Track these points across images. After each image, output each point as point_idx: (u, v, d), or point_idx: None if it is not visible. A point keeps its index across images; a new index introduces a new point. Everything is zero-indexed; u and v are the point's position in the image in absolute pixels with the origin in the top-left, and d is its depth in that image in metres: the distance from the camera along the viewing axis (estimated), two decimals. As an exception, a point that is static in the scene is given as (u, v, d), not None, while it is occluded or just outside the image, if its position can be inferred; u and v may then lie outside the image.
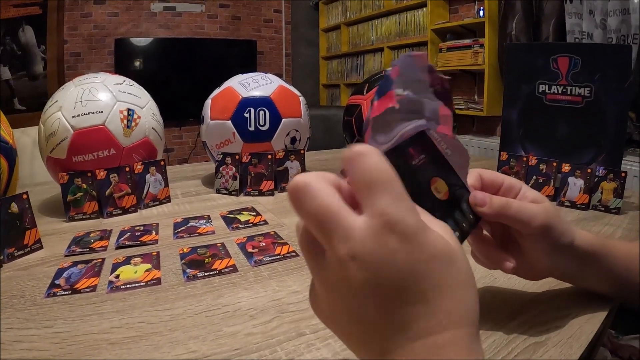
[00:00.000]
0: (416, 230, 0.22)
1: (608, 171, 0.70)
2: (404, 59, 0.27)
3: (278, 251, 0.52)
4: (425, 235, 0.23)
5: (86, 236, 0.57)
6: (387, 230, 0.22)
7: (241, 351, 0.33)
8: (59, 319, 0.37)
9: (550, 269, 0.38)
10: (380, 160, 0.23)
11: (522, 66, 0.81)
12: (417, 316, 0.22)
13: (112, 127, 0.67)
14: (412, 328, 0.22)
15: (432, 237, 0.23)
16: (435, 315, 0.22)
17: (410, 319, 0.22)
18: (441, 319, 0.22)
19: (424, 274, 0.22)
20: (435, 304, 0.22)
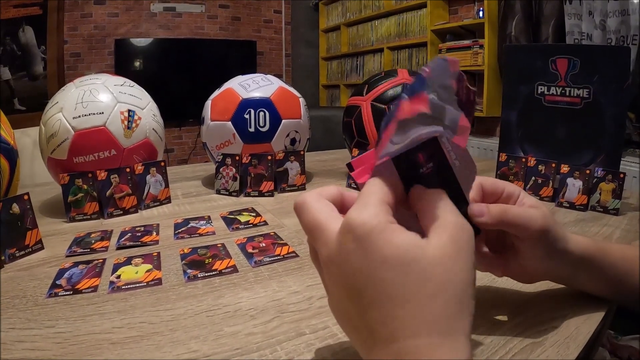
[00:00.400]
0: (371, 230, 0.23)
1: (607, 172, 0.70)
2: (439, 62, 0.27)
3: (278, 252, 0.52)
4: (380, 235, 0.23)
5: (87, 237, 0.57)
6: (346, 231, 0.24)
7: (242, 351, 0.33)
8: (60, 319, 0.37)
9: (545, 273, 0.38)
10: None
11: (521, 67, 0.82)
12: (377, 322, 0.23)
13: (112, 128, 0.67)
14: (376, 332, 0.23)
15: (387, 238, 0.23)
16: (390, 323, 0.22)
17: (373, 323, 0.23)
18: (397, 327, 0.22)
19: (375, 279, 0.23)
20: (389, 311, 0.22)
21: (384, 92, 0.83)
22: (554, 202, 0.74)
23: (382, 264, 0.22)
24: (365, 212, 0.24)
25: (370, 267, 0.23)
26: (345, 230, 0.24)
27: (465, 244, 0.24)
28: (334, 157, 1.21)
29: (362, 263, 0.23)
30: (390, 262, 0.22)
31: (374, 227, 0.23)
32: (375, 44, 3.53)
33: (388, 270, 0.22)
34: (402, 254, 0.22)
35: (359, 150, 0.84)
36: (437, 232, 0.24)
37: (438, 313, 0.22)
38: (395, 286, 0.22)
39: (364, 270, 0.23)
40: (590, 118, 0.74)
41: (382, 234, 0.23)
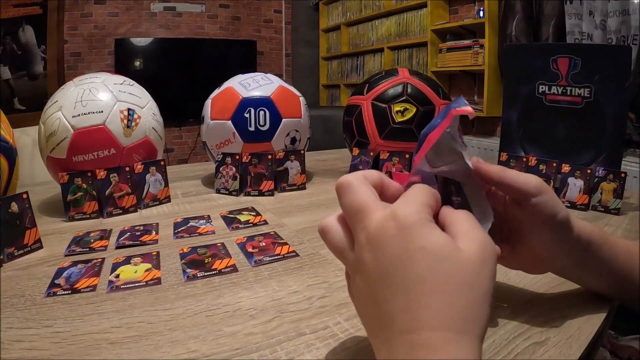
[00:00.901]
0: (413, 222, 0.25)
1: (608, 172, 0.70)
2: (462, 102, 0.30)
3: (278, 251, 0.52)
4: (421, 229, 0.25)
5: (86, 236, 0.57)
6: (391, 219, 0.25)
7: (241, 351, 0.33)
8: (59, 319, 0.37)
9: (552, 259, 0.37)
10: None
11: (521, 67, 0.82)
12: (400, 309, 0.24)
13: (112, 127, 0.67)
14: (396, 321, 0.24)
15: (427, 231, 0.25)
16: (415, 310, 0.23)
17: (394, 311, 0.24)
18: (420, 315, 0.23)
19: (409, 264, 0.24)
20: (415, 297, 0.23)
21: (385, 91, 0.82)
22: (555, 202, 0.74)
23: (419, 251, 0.24)
24: (411, 206, 0.26)
25: (408, 252, 0.24)
26: (391, 217, 0.25)
27: (490, 257, 0.25)
28: (334, 157, 1.20)
29: (401, 247, 0.25)
30: (426, 250, 0.24)
31: (416, 220, 0.25)
32: (375, 43, 3.53)
33: (423, 258, 0.24)
34: (438, 247, 0.24)
35: (360, 149, 0.84)
36: (468, 242, 0.25)
37: (459, 310, 0.23)
38: (426, 274, 0.24)
39: (401, 255, 0.24)
40: (591, 117, 0.74)
41: (423, 228, 0.25)
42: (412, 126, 0.79)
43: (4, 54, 2.79)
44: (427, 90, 0.82)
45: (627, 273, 0.38)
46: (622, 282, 0.38)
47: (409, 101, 0.80)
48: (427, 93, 0.82)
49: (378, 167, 0.81)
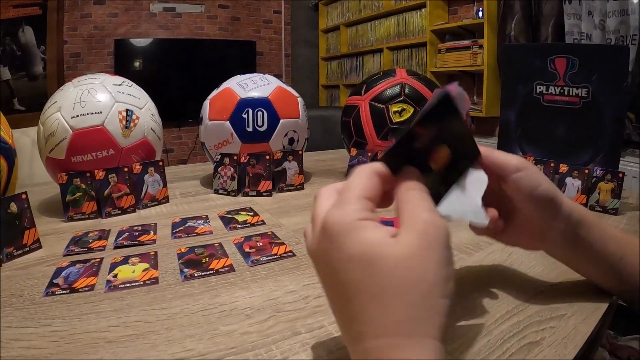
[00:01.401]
0: (340, 230, 0.24)
1: (606, 172, 0.70)
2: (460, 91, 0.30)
3: (275, 251, 0.52)
4: (348, 236, 0.23)
5: (85, 236, 0.57)
6: (323, 230, 0.25)
7: (237, 350, 0.33)
8: (57, 318, 0.37)
9: (541, 233, 0.38)
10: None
11: (519, 67, 0.82)
12: (347, 320, 0.24)
13: (110, 128, 0.67)
14: (349, 331, 0.24)
15: (354, 237, 0.23)
16: (359, 320, 0.23)
17: (344, 322, 0.24)
18: (364, 325, 0.22)
19: (344, 277, 0.23)
20: (357, 307, 0.23)
21: (382, 91, 0.83)
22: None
23: (349, 262, 0.23)
24: (340, 211, 0.25)
25: (340, 265, 0.23)
26: (323, 229, 0.25)
27: (434, 241, 0.24)
28: (333, 157, 1.21)
29: (334, 260, 0.24)
30: (355, 259, 0.23)
31: (343, 226, 0.24)
32: (374, 44, 3.54)
33: (354, 268, 0.23)
34: (367, 252, 0.23)
35: (357, 149, 0.84)
36: (406, 230, 0.24)
37: (402, 314, 0.22)
38: (361, 284, 0.23)
39: (335, 267, 0.24)
40: (589, 117, 0.74)
41: (350, 233, 0.23)
42: (410, 126, 0.79)
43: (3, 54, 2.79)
44: (424, 90, 0.82)
45: (616, 261, 0.38)
46: (613, 271, 0.38)
47: (406, 101, 0.80)
48: (425, 93, 0.82)
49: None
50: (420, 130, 0.28)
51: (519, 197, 0.36)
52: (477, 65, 2.50)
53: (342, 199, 0.26)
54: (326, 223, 0.25)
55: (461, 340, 0.34)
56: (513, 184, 0.35)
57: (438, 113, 0.29)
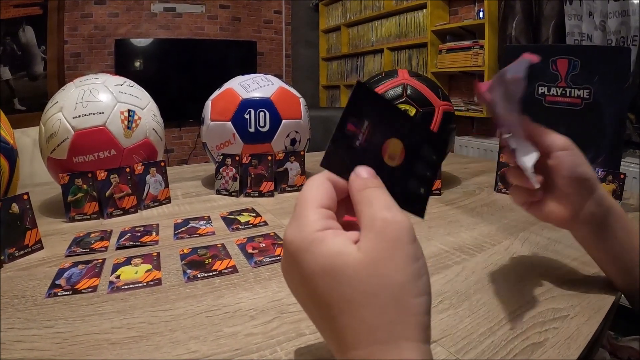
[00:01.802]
0: (297, 249, 0.23)
1: (607, 173, 0.70)
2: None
3: (278, 252, 0.52)
4: (307, 253, 0.23)
5: (86, 237, 0.57)
6: (284, 248, 0.25)
7: (241, 351, 0.33)
8: (59, 319, 0.37)
9: (574, 211, 0.39)
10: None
11: (521, 68, 0.82)
12: (327, 335, 0.24)
13: (112, 128, 0.67)
14: (331, 345, 0.24)
15: (313, 254, 0.23)
16: (335, 333, 0.22)
17: (325, 337, 0.24)
18: (342, 338, 0.22)
19: (310, 293, 0.23)
20: (331, 322, 0.22)
21: (384, 92, 0.82)
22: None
23: (312, 278, 0.23)
24: (295, 227, 0.24)
25: (305, 282, 0.23)
26: (284, 247, 0.25)
27: (396, 239, 0.22)
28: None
29: (299, 277, 0.24)
30: (318, 275, 0.22)
31: (300, 243, 0.23)
32: (375, 44, 3.54)
33: (318, 283, 0.22)
34: (327, 265, 0.22)
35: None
36: (365, 233, 0.23)
37: (374, 321, 0.21)
38: (329, 297, 0.22)
39: (301, 284, 0.24)
40: (591, 119, 0.74)
41: (308, 250, 0.23)
42: (411, 127, 0.79)
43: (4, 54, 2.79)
44: (426, 91, 0.82)
45: (635, 256, 0.39)
46: (630, 265, 0.39)
47: (408, 102, 0.80)
48: (427, 94, 0.82)
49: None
50: (351, 126, 0.27)
51: (561, 173, 0.39)
52: (477, 65, 2.50)
53: (296, 214, 0.25)
54: (285, 242, 0.24)
55: (465, 341, 0.34)
56: (557, 161, 0.39)
57: (359, 103, 0.27)
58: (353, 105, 0.27)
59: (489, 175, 0.97)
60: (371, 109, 0.27)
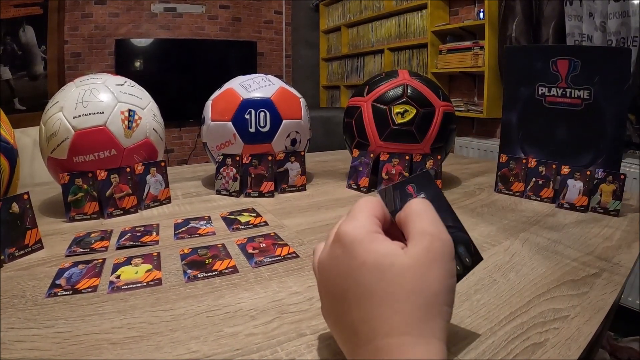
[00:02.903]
0: (353, 239, 0.26)
1: (607, 173, 0.70)
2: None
3: (278, 252, 0.52)
4: (362, 245, 0.26)
5: (87, 236, 0.57)
6: (335, 240, 0.28)
7: (242, 351, 0.33)
8: (60, 319, 0.37)
9: None
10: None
11: (521, 68, 0.82)
12: (359, 321, 0.26)
13: (113, 128, 0.67)
14: (358, 333, 0.26)
15: (366, 247, 0.26)
16: (370, 321, 0.25)
17: (356, 322, 0.26)
18: (375, 325, 0.25)
19: (357, 280, 0.26)
20: (369, 309, 0.25)
21: (385, 92, 0.83)
22: (554, 204, 0.74)
23: (361, 268, 0.26)
24: (352, 224, 0.27)
25: (352, 270, 0.26)
26: (336, 239, 0.28)
27: (439, 255, 0.26)
28: (335, 158, 1.21)
29: (346, 266, 0.26)
30: (367, 266, 0.25)
31: (356, 236, 0.26)
32: (375, 45, 3.54)
33: (366, 273, 0.25)
34: (378, 260, 0.25)
35: (360, 150, 0.84)
36: (413, 243, 0.26)
37: (410, 315, 0.24)
38: (372, 287, 0.25)
39: (347, 273, 0.26)
40: (591, 119, 0.74)
41: (363, 243, 0.26)
42: (412, 128, 0.79)
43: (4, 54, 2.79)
44: (427, 92, 0.82)
45: None
46: None
47: (409, 103, 0.80)
48: (427, 95, 0.82)
49: (378, 169, 0.81)
50: (410, 189, 0.32)
51: None
52: (478, 66, 2.50)
53: (353, 215, 0.28)
54: (340, 233, 0.27)
55: (466, 341, 0.34)
56: None
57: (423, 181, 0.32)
58: (419, 178, 0.32)
59: (489, 176, 0.97)
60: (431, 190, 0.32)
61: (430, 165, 0.79)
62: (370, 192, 0.82)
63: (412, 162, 0.79)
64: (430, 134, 0.81)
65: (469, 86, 2.79)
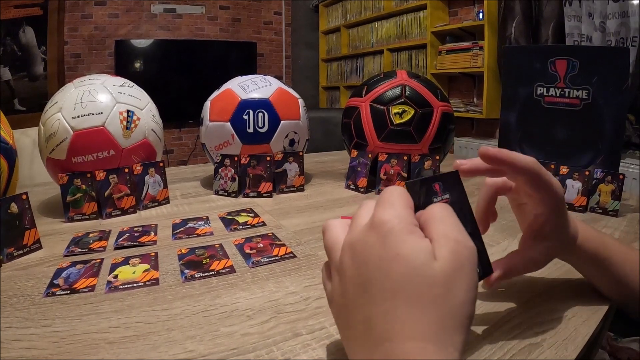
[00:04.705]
0: (392, 228, 0.25)
1: (606, 173, 0.70)
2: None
3: (276, 252, 0.52)
4: (399, 235, 0.24)
5: (85, 237, 0.57)
6: (371, 227, 0.26)
7: (238, 351, 0.33)
8: (57, 319, 0.37)
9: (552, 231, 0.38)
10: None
11: (520, 69, 0.82)
12: (378, 316, 0.24)
13: (111, 129, 0.67)
14: (375, 329, 0.24)
15: (404, 238, 0.24)
16: (392, 318, 0.23)
17: (373, 318, 0.24)
18: (397, 324, 0.23)
19: (387, 271, 0.24)
20: (392, 306, 0.23)
21: (383, 93, 0.83)
22: (553, 204, 0.74)
23: (395, 258, 0.24)
24: (392, 211, 0.26)
25: (384, 259, 0.24)
26: (373, 224, 0.26)
27: (466, 262, 0.25)
28: (333, 159, 1.21)
29: (378, 255, 0.25)
30: (402, 258, 0.24)
31: (395, 225, 0.25)
32: (375, 45, 3.54)
33: (398, 266, 0.24)
34: (414, 255, 0.24)
35: (358, 151, 0.84)
36: (438, 246, 0.25)
37: (435, 321, 0.23)
38: (401, 284, 0.23)
39: (378, 262, 0.24)
40: (590, 119, 0.74)
41: (401, 233, 0.24)
42: (410, 128, 0.79)
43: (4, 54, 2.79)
44: (425, 92, 0.82)
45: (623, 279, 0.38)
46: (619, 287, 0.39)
47: (407, 103, 0.80)
48: (426, 95, 0.82)
49: (376, 169, 0.81)
50: (437, 187, 0.31)
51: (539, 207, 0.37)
52: (477, 67, 2.50)
53: (391, 203, 0.26)
54: (377, 221, 0.25)
55: (462, 341, 0.34)
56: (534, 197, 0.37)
57: (451, 181, 0.32)
58: (447, 177, 0.32)
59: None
60: (457, 192, 0.32)
61: (429, 166, 0.79)
62: (368, 192, 0.82)
63: (411, 163, 0.80)
64: (428, 135, 0.81)
65: (468, 87, 2.79)
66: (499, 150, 0.34)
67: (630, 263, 0.39)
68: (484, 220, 0.40)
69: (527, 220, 0.39)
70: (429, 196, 0.30)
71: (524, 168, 0.34)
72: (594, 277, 0.41)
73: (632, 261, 0.39)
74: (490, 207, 0.40)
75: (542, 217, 0.37)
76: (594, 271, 0.40)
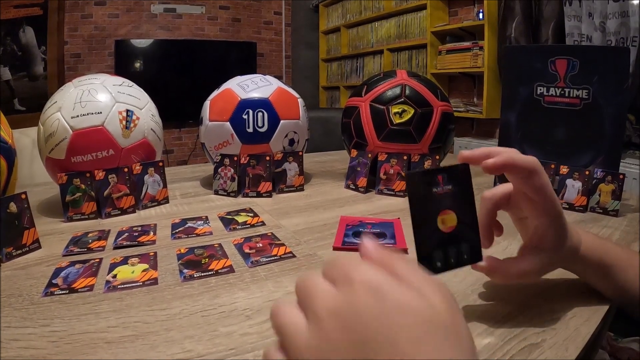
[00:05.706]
0: (380, 283, 0.23)
1: (606, 173, 0.70)
2: None
3: (275, 252, 0.52)
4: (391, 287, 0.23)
5: (84, 236, 0.57)
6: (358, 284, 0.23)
7: (236, 351, 0.33)
8: (56, 318, 0.37)
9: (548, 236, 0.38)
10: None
11: (520, 68, 0.82)
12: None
13: (111, 128, 0.67)
14: None
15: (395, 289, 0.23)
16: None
17: None
18: None
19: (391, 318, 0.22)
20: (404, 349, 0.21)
21: (383, 92, 0.82)
22: (553, 204, 0.74)
23: (396, 309, 0.22)
24: (370, 268, 0.24)
25: (384, 313, 0.22)
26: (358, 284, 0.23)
27: (454, 302, 0.24)
28: (333, 158, 1.21)
29: (377, 308, 0.22)
30: (402, 307, 0.22)
31: (381, 279, 0.23)
32: (375, 45, 3.54)
33: (401, 314, 0.22)
34: (412, 302, 0.23)
35: (358, 150, 0.84)
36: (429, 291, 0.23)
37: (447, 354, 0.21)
38: (410, 326, 0.22)
39: (379, 315, 0.22)
40: (590, 119, 0.74)
41: (391, 286, 0.23)
42: (410, 128, 0.79)
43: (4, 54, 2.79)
44: (425, 92, 0.82)
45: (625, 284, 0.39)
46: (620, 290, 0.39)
47: (407, 103, 0.80)
48: (425, 95, 0.82)
49: (376, 169, 0.81)
50: (440, 178, 0.32)
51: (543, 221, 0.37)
52: (477, 66, 2.50)
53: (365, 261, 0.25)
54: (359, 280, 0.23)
55: (462, 341, 0.34)
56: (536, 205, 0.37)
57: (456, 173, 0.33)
58: (452, 169, 0.33)
59: (488, 177, 0.97)
60: (460, 183, 0.33)
61: (429, 166, 0.79)
62: (368, 192, 0.82)
63: (410, 163, 0.79)
64: (428, 134, 0.81)
65: (468, 87, 2.79)
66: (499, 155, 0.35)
67: (633, 268, 0.39)
68: (488, 234, 0.40)
69: (528, 233, 0.40)
70: (430, 186, 0.30)
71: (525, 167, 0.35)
72: (598, 283, 0.42)
73: (635, 266, 0.39)
74: (492, 221, 0.40)
75: (541, 227, 0.37)
76: (598, 278, 0.41)
